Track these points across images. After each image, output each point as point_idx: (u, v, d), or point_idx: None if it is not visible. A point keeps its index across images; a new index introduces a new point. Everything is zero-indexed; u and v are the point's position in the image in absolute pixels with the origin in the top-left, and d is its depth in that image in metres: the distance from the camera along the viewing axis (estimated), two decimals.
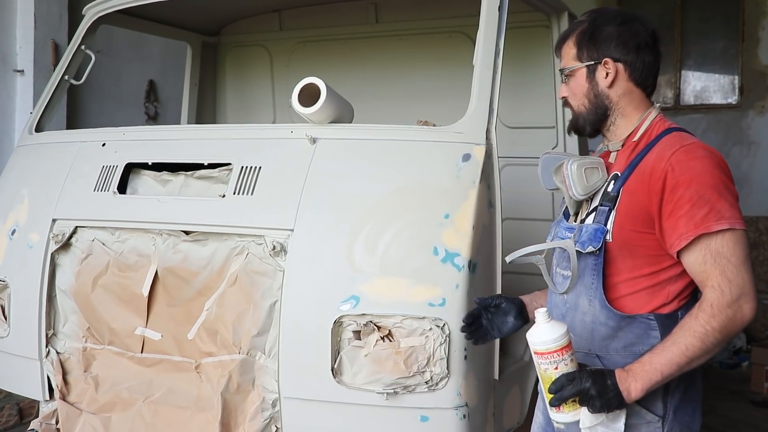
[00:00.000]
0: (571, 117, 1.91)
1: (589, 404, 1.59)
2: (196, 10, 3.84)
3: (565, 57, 1.89)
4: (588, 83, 1.84)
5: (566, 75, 1.87)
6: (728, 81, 6.96)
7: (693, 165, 1.66)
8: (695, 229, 1.62)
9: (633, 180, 1.74)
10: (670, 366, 1.59)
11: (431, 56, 3.82)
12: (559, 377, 1.60)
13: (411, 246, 2.28)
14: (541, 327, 1.62)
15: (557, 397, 1.60)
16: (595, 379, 1.58)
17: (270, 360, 2.38)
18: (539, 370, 1.64)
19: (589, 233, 1.75)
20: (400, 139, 2.48)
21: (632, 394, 1.60)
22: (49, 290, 2.79)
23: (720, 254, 1.61)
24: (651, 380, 1.60)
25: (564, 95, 1.90)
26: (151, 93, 6.01)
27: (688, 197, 1.63)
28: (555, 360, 1.60)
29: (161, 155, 2.76)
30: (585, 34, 1.84)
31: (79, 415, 2.69)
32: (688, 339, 1.58)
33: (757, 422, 4.56)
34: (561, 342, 1.60)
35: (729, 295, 1.59)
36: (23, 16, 4.89)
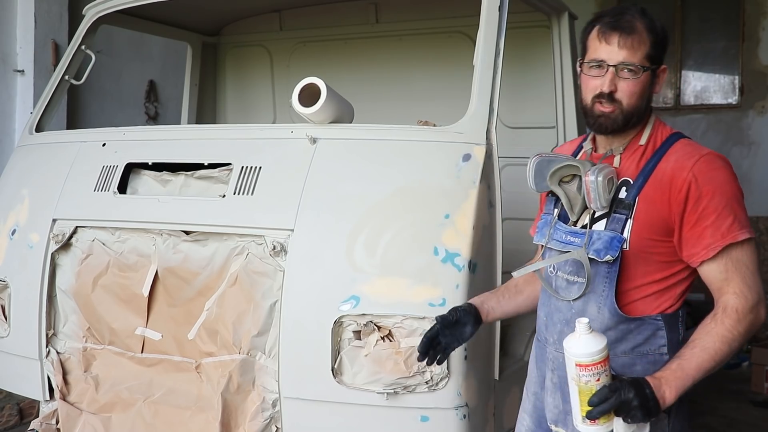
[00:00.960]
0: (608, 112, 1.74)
1: (629, 415, 1.56)
2: (197, 10, 3.84)
3: (636, 51, 1.72)
4: (648, 86, 1.76)
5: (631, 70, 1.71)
6: (728, 81, 6.96)
7: (714, 175, 1.68)
8: (722, 240, 1.65)
9: (650, 188, 1.71)
10: (699, 371, 1.62)
11: (431, 56, 3.82)
12: (602, 389, 1.55)
13: (411, 246, 2.28)
14: (585, 338, 1.57)
15: (599, 409, 1.54)
16: (636, 390, 1.56)
17: (270, 360, 2.38)
18: (578, 382, 1.58)
19: (605, 241, 1.71)
20: (401, 140, 2.48)
21: (667, 402, 1.59)
22: (50, 290, 2.79)
23: (740, 262, 1.66)
24: (683, 386, 1.61)
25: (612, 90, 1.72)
26: (152, 93, 6.00)
27: (713, 208, 1.65)
28: (598, 372, 1.56)
29: (161, 155, 2.76)
30: (658, 35, 1.75)
31: (79, 415, 2.69)
32: (717, 344, 1.62)
33: (757, 422, 4.56)
34: (604, 353, 1.57)
35: (751, 301, 1.64)
36: (23, 16, 4.89)
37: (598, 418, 1.57)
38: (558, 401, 1.82)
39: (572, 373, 1.59)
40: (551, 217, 1.88)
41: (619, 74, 1.72)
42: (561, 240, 1.82)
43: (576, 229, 1.80)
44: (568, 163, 1.81)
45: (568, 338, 1.61)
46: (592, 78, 1.76)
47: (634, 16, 1.75)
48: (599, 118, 1.76)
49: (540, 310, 1.92)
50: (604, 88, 1.72)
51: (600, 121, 1.76)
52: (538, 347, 1.93)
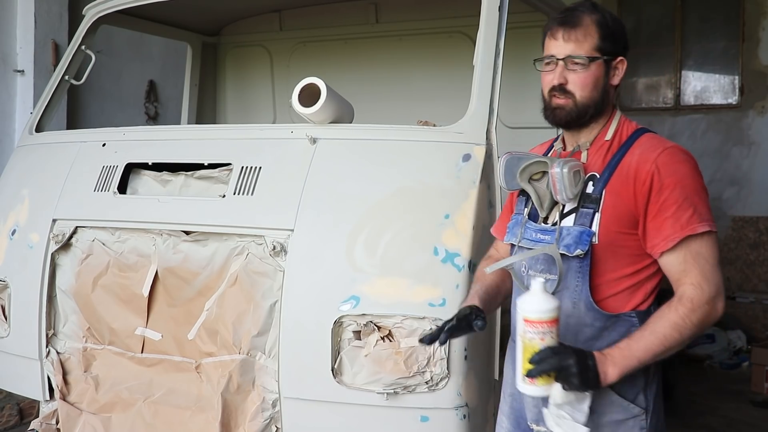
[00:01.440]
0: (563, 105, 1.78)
1: (567, 381, 1.59)
2: (197, 10, 3.84)
3: (582, 43, 1.77)
4: (603, 77, 1.79)
5: (578, 63, 1.76)
6: (728, 81, 6.95)
7: (677, 168, 1.70)
8: (681, 231, 1.66)
9: (616, 181, 1.74)
10: (647, 353, 1.63)
11: (431, 56, 3.82)
12: (545, 349, 1.59)
13: (411, 246, 2.28)
14: (538, 296, 1.61)
15: (538, 368, 1.58)
16: (579, 357, 1.59)
17: (270, 360, 2.38)
18: (523, 339, 1.61)
19: (574, 236, 1.74)
20: (401, 140, 2.48)
21: (609, 378, 1.62)
22: (50, 290, 2.79)
23: (699, 255, 1.67)
24: (628, 366, 1.63)
25: (562, 82, 1.77)
26: (152, 93, 6.00)
27: (673, 199, 1.67)
28: (543, 331, 1.59)
29: (161, 155, 2.76)
30: (607, 26, 1.79)
31: (79, 415, 2.69)
32: (667, 330, 1.63)
33: (757, 422, 4.55)
34: (552, 314, 1.60)
35: (708, 293, 1.65)
36: (23, 16, 4.89)
37: (536, 377, 1.59)
38: (537, 400, 1.83)
39: (519, 329, 1.63)
40: (522, 216, 1.89)
41: (569, 67, 1.78)
42: (531, 238, 1.84)
43: (546, 227, 1.82)
44: (537, 160, 1.84)
45: (522, 296, 1.65)
46: (546, 73, 1.83)
47: (582, 11, 1.81)
48: (555, 110, 1.81)
49: (513, 310, 1.92)
50: (555, 81, 1.79)
51: (556, 113, 1.82)
52: (513, 348, 1.94)
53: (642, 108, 7.21)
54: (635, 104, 7.28)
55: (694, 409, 4.67)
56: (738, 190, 6.59)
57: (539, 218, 1.84)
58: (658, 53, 7.20)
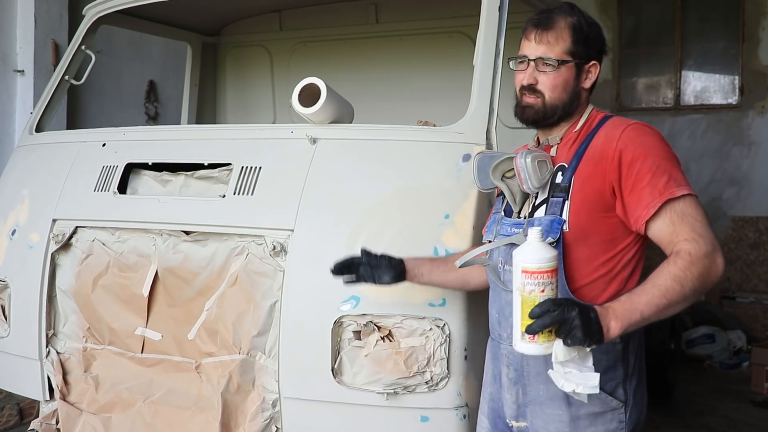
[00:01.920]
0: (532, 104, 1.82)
1: (569, 335, 1.48)
2: (197, 10, 3.84)
3: (553, 46, 1.80)
4: (573, 80, 1.83)
5: (548, 65, 1.80)
6: (728, 81, 6.96)
7: (644, 140, 1.73)
8: (660, 196, 1.67)
9: (584, 167, 1.76)
10: (649, 307, 1.57)
11: (431, 56, 3.82)
12: (545, 301, 1.48)
13: (411, 246, 2.27)
14: (535, 245, 1.52)
15: (540, 322, 1.47)
16: (581, 309, 1.50)
17: (270, 360, 2.38)
18: (522, 292, 1.51)
19: (545, 225, 1.74)
20: (401, 140, 2.48)
21: (612, 332, 1.54)
22: (50, 290, 2.79)
23: (686, 214, 1.67)
24: (631, 319, 1.56)
25: (531, 83, 1.81)
26: (152, 93, 6.01)
27: (647, 169, 1.68)
28: (543, 282, 1.50)
29: (161, 155, 2.76)
30: (580, 30, 1.82)
31: (79, 415, 2.69)
32: (668, 282, 1.58)
33: (757, 422, 4.56)
34: (552, 263, 1.51)
35: (704, 247, 1.62)
36: (23, 16, 4.89)
37: (537, 332, 1.48)
38: (516, 395, 1.84)
39: (517, 282, 1.53)
40: (498, 214, 1.93)
41: (539, 68, 1.82)
42: (506, 233, 1.86)
43: (519, 220, 1.84)
44: (507, 157, 1.87)
45: (519, 247, 1.57)
46: (518, 72, 1.87)
47: (558, 14, 1.84)
48: (524, 108, 1.86)
49: (491, 308, 1.93)
50: (524, 81, 1.83)
51: (525, 111, 1.86)
52: (493, 346, 1.95)
53: (642, 108, 7.22)
54: (635, 104, 7.28)
55: (694, 409, 4.68)
56: (738, 190, 6.59)
57: (513, 213, 1.87)
58: (658, 53, 7.21)
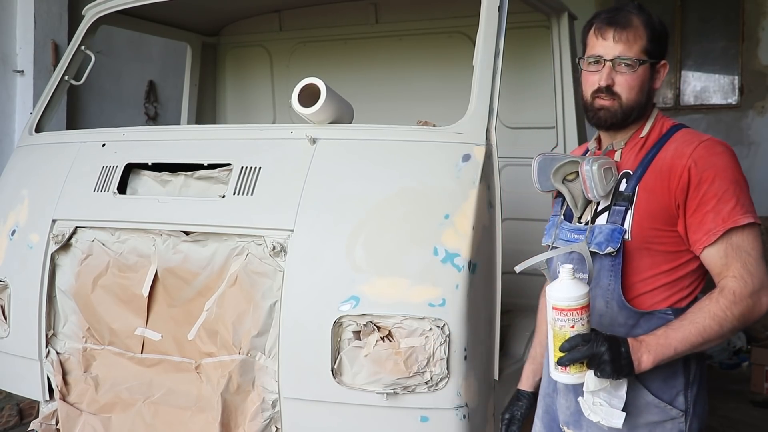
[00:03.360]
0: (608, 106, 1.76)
1: (598, 368, 1.56)
2: (196, 10, 3.84)
3: (631, 45, 1.74)
4: (648, 80, 1.78)
5: (627, 65, 1.74)
6: (728, 81, 6.96)
7: (715, 161, 1.67)
8: (723, 224, 1.63)
9: (650, 177, 1.72)
10: (684, 343, 1.59)
11: (431, 56, 3.82)
12: (575, 336, 1.57)
13: (411, 246, 2.28)
14: (565, 283, 1.59)
15: (569, 357, 1.56)
16: (611, 344, 1.56)
17: (270, 360, 2.38)
18: (554, 327, 1.60)
19: (606, 234, 1.72)
20: (400, 140, 2.48)
21: (643, 365, 1.58)
22: (49, 291, 2.78)
23: (740, 248, 1.63)
24: (664, 354, 1.59)
25: (609, 84, 1.75)
26: (151, 93, 6.01)
27: (713, 193, 1.64)
28: (573, 318, 1.57)
29: (161, 155, 2.76)
30: (656, 29, 1.77)
31: (79, 415, 2.69)
32: (706, 321, 1.58)
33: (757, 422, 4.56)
34: (582, 301, 1.57)
35: (751, 286, 1.61)
36: (23, 16, 4.89)
37: (567, 365, 1.58)
38: (570, 402, 1.82)
39: (549, 316, 1.61)
40: (558, 217, 1.90)
41: (616, 68, 1.75)
42: (566, 239, 1.83)
43: (579, 226, 1.81)
44: (570, 160, 1.83)
45: (551, 284, 1.62)
46: (591, 74, 1.78)
47: (631, 11, 1.78)
48: (599, 111, 1.78)
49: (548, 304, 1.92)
50: (602, 82, 1.75)
51: (599, 115, 1.78)
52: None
53: None
54: None
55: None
56: None
57: (574, 218, 1.84)
58: None
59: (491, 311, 2.38)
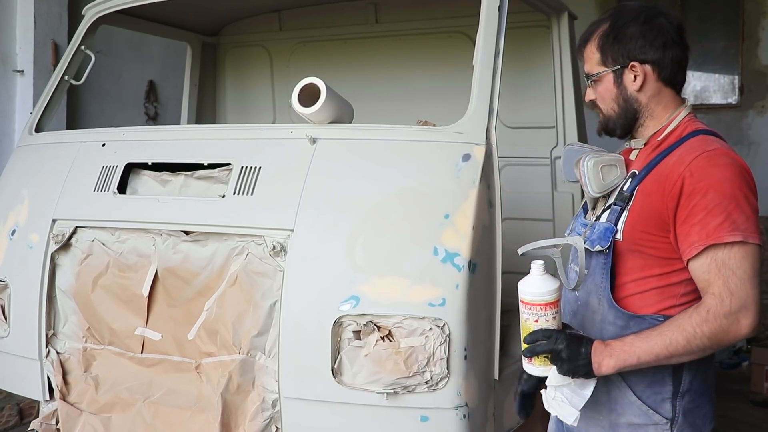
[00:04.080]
0: (600, 119, 1.87)
1: (557, 365, 1.62)
2: (196, 10, 3.84)
3: (588, 61, 1.82)
4: (616, 88, 1.78)
5: (592, 80, 1.82)
6: (728, 81, 6.96)
7: (713, 172, 1.61)
8: (706, 239, 1.58)
9: (650, 180, 1.70)
10: (648, 354, 1.58)
11: (431, 56, 3.82)
12: (536, 331, 1.63)
13: (411, 246, 2.28)
14: (533, 278, 1.65)
15: (530, 349, 1.63)
16: (570, 343, 1.60)
17: (270, 360, 2.38)
18: (521, 319, 1.67)
19: (600, 232, 1.73)
20: (400, 139, 2.48)
21: (602, 369, 1.60)
22: (49, 290, 2.78)
23: (725, 265, 1.57)
24: (626, 361, 1.60)
25: (591, 98, 1.86)
26: (151, 93, 6.01)
27: (703, 205, 1.59)
28: (536, 313, 1.63)
29: (161, 155, 2.76)
30: (607, 36, 1.77)
31: (79, 415, 2.69)
32: (674, 334, 1.57)
33: (757, 422, 4.56)
34: (547, 297, 1.62)
35: (728, 306, 1.55)
36: (23, 16, 4.89)
37: (529, 357, 1.66)
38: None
39: (520, 309, 1.68)
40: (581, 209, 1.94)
41: (590, 84, 1.85)
42: (577, 231, 1.86)
43: (587, 221, 1.84)
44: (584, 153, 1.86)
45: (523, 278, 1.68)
46: None
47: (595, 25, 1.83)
48: (599, 123, 1.89)
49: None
50: (585, 99, 1.89)
51: (598, 126, 1.89)
52: None
53: None
54: None
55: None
56: None
57: (588, 212, 1.88)
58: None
59: (491, 311, 2.38)
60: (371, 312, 2.23)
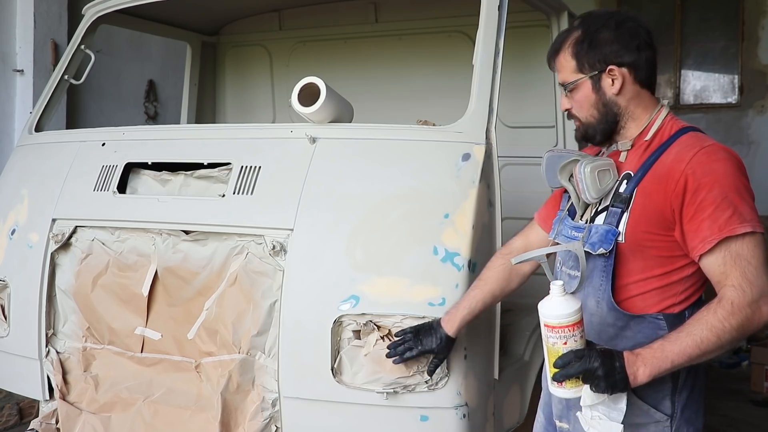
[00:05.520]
0: (577, 127, 1.86)
1: (593, 384, 1.56)
2: (196, 9, 3.84)
3: (563, 70, 1.83)
4: (595, 94, 1.79)
5: (567, 89, 1.82)
6: (728, 80, 6.96)
7: (715, 167, 1.64)
8: (719, 233, 1.60)
9: (648, 181, 1.71)
10: (681, 356, 1.57)
11: (431, 56, 3.82)
12: (567, 353, 1.57)
13: (411, 245, 2.28)
14: (556, 300, 1.58)
15: (563, 373, 1.57)
16: (604, 360, 1.55)
17: (270, 360, 2.38)
18: (547, 343, 1.60)
19: (600, 234, 1.73)
20: (400, 139, 2.48)
21: (638, 379, 1.57)
22: (49, 290, 2.79)
23: (740, 256, 1.59)
24: (660, 368, 1.57)
25: (567, 108, 1.85)
26: (151, 93, 6.00)
27: (710, 200, 1.61)
28: (565, 335, 1.57)
29: (161, 155, 2.76)
30: (581, 43, 1.78)
31: (79, 414, 2.69)
32: (704, 332, 1.56)
33: (757, 422, 4.56)
34: (574, 318, 1.57)
35: (750, 295, 1.57)
36: (23, 15, 4.89)
37: (561, 381, 1.59)
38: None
39: (543, 333, 1.61)
40: (563, 213, 1.91)
41: (566, 93, 1.85)
42: (566, 235, 1.85)
43: (579, 224, 1.83)
44: (575, 158, 1.85)
45: (542, 300, 1.62)
46: None
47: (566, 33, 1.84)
48: (575, 131, 1.90)
49: None
50: (561, 108, 1.89)
51: (576, 134, 1.90)
52: None
53: None
54: None
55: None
56: None
57: (576, 216, 1.85)
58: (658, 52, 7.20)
59: (491, 311, 2.38)
60: (371, 311, 2.23)
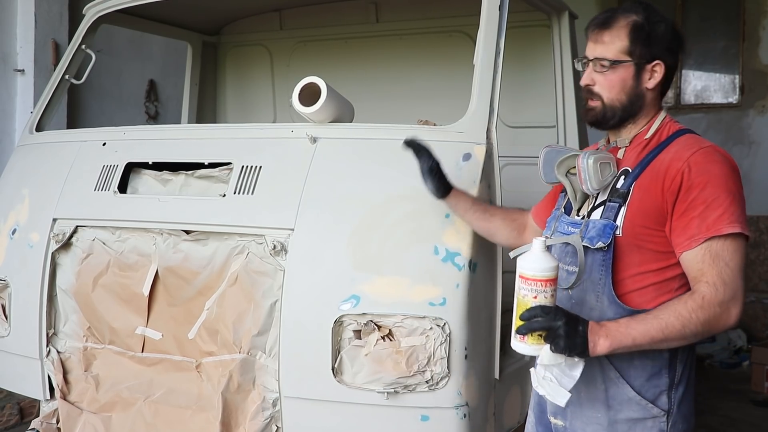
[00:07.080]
0: (592, 107, 1.82)
1: (553, 342, 1.58)
2: (197, 9, 3.84)
3: (608, 45, 1.78)
4: (633, 81, 1.78)
5: (605, 65, 1.78)
6: (729, 80, 6.95)
7: (710, 168, 1.67)
8: (706, 232, 1.63)
9: (646, 177, 1.73)
10: (644, 337, 1.60)
11: (431, 56, 3.82)
12: (535, 307, 1.59)
13: (411, 245, 2.28)
14: (535, 254, 1.60)
15: (527, 325, 1.58)
16: (569, 320, 1.58)
17: (270, 359, 2.38)
18: (518, 295, 1.62)
19: (598, 229, 1.75)
20: (401, 139, 2.47)
21: (598, 349, 1.60)
22: (50, 290, 2.79)
23: (719, 257, 1.63)
24: (621, 342, 1.61)
25: (588, 84, 1.81)
26: (152, 92, 6.00)
27: (702, 199, 1.65)
28: (536, 289, 1.59)
29: (162, 155, 2.76)
30: (641, 29, 1.77)
31: (79, 414, 2.70)
32: (670, 318, 1.60)
33: (757, 422, 4.56)
34: (548, 274, 1.59)
35: (722, 295, 1.61)
36: (24, 15, 4.89)
37: (525, 334, 1.59)
38: None
39: (516, 285, 1.63)
40: (558, 210, 1.92)
41: (596, 69, 1.80)
42: (563, 231, 1.86)
43: (576, 220, 1.84)
44: (573, 154, 1.86)
45: (523, 254, 1.65)
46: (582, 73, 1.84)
47: (621, 12, 1.80)
48: (588, 111, 1.84)
49: None
50: (582, 82, 1.82)
51: (588, 114, 1.85)
52: None
53: None
54: None
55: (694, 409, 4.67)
56: None
57: (573, 211, 1.87)
58: None
59: (492, 310, 2.38)
60: (372, 311, 2.23)
